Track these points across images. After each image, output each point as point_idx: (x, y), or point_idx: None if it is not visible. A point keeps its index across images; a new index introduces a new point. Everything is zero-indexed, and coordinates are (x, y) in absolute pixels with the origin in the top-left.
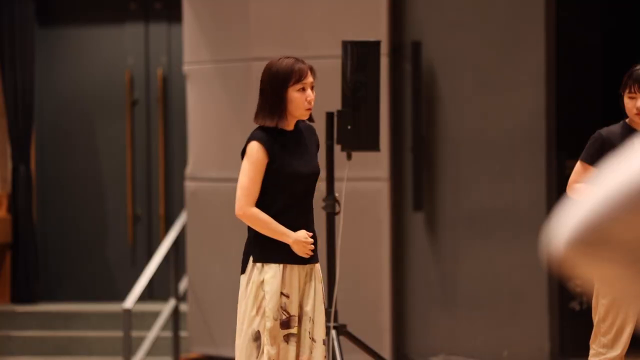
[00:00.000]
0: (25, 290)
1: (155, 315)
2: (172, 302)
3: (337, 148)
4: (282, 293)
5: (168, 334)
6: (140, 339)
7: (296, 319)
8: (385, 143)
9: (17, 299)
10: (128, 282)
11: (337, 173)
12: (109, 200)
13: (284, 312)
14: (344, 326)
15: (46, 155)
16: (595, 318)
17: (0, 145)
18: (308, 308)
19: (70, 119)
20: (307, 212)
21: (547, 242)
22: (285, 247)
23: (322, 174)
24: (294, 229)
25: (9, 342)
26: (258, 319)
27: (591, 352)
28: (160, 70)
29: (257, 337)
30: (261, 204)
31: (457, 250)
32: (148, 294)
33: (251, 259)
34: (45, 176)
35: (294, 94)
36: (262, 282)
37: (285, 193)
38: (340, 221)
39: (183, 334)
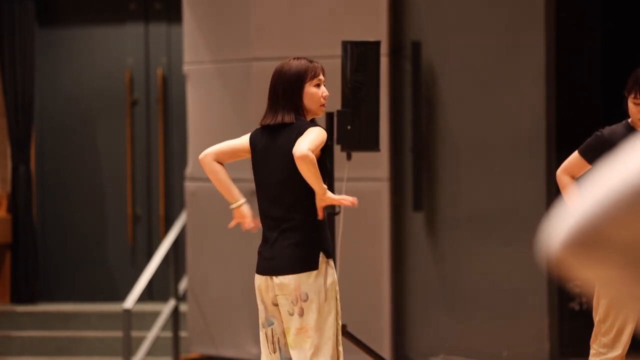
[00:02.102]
0: (25, 290)
1: (155, 315)
2: (172, 302)
3: (337, 148)
4: None
5: (168, 334)
6: (140, 339)
7: None
8: (385, 143)
9: (17, 299)
10: (128, 282)
11: (337, 173)
12: (109, 200)
13: None
14: (344, 326)
15: (46, 155)
16: (596, 318)
17: (0, 145)
18: None
19: (70, 119)
20: None
21: (544, 243)
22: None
23: None
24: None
25: (9, 342)
26: (338, 319)
27: (592, 352)
28: (160, 70)
29: (336, 337)
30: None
31: (457, 250)
32: (148, 294)
33: (322, 255)
34: (45, 176)
35: (310, 89)
36: (336, 281)
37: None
38: (340, 221)
39: (183, 334)
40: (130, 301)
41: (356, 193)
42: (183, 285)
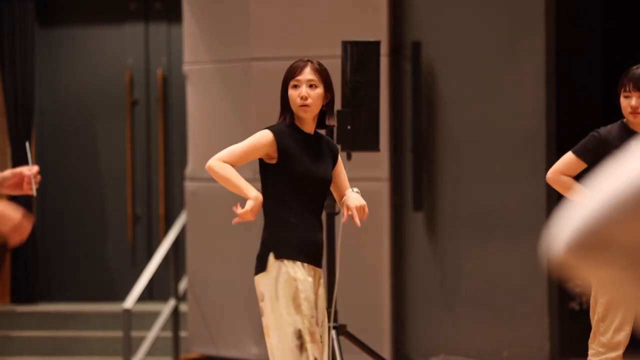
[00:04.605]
0: (25, 290)
1: (155, 315)
2: (172, 302)
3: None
4: None
5: (168, 334)
6: (140, 339)
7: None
8: (385, 143)
9: (17, 299)
10: (128, 282)
11: None
12: (109, 200)
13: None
14: (344, 326)
15: (46, 155)
16: (594, 318)
17: (0, 145)
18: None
19: (70, 119)
20: (318, 216)
21: (547, 246)
22: (304, 245)
23: None
24: (307, 228)
25: (9, 342)
26: (298, 317)
27: (590, 352)
28: (160, 70)
29: (299, 336)
30: (274, 201)
31: (457, 250)
32: (148, 294)
33: (272, 255)
34: (45, 176)
35: (289, 91)
36: (295, 279)
37: (297, 193)
38: (340, 221)
39: (183, 334)
40: (130, 301)
41: None
42: (183, 285)
